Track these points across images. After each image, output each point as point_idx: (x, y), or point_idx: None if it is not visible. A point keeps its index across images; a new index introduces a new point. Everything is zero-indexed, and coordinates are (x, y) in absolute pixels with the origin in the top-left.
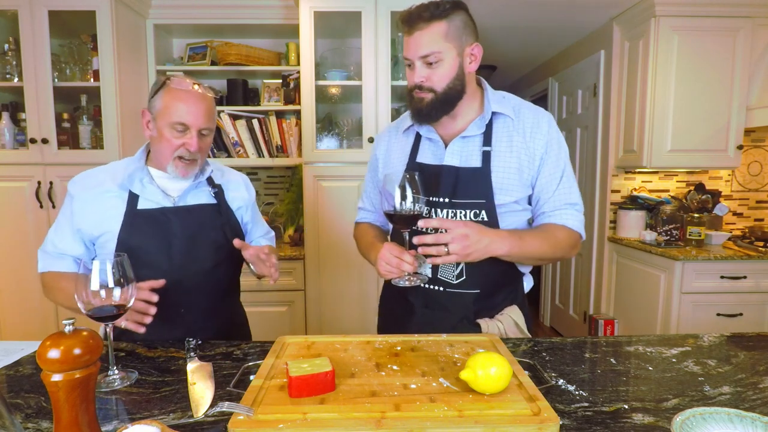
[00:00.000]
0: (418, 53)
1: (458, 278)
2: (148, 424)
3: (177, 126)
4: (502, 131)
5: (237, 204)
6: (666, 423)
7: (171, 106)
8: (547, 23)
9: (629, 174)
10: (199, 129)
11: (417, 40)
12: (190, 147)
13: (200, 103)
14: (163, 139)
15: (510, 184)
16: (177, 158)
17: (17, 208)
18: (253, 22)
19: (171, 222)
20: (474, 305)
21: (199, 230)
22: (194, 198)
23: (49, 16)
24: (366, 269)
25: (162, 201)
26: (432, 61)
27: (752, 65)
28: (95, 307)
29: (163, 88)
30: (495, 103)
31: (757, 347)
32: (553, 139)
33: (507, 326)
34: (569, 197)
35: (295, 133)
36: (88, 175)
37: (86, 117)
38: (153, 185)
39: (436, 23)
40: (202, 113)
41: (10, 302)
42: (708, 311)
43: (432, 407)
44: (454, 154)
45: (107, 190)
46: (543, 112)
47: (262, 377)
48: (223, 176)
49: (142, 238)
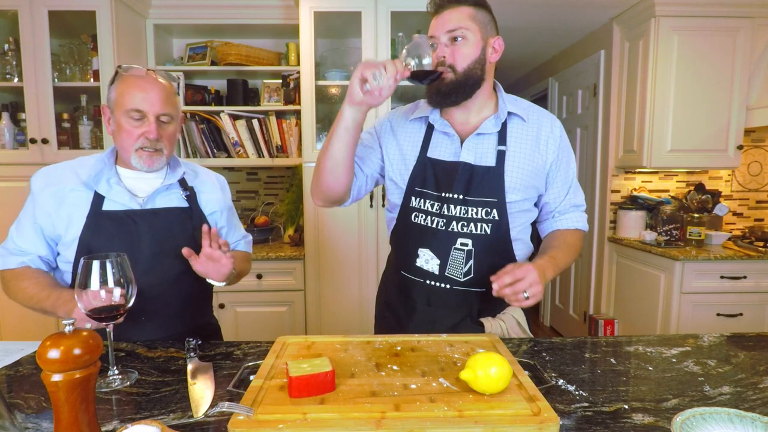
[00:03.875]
0: (445, 28)
1: (466, 276)
2: (148, 424)
3: (133, 114)
4: (516, 132)
5: (211, 208)
6: (666, 423)
7: (125, 94)
8: (547, 23)
9: (629, 174)
10: (157, 115)
11: (444, 17)
12: (149, 134)
13: (155, 88)
14: (122, 131)
15: (521, 185)
16: (139, 149)
17: (17, 208)
18: (253, 22)
19: (137, 225)
20: (478, 304)
21: (166, 235)
22: (164, 201)
23: (49, 16)
24: (366, 269)
25: (128, 203)
26: (457, 36)
27: (752, 65)
28: (95, 307)
29: (116, 78)
30: (510, 104)
31: (757, 347)
32: (564, 146)
33: (509, 325)
34: (576, 200)
35: (295, 133)
36: (51, 170)
37: (86, 117)
38: (120, 186)
39: (465, 6)
40: (159, 99)
41: (10, 302)
42: (708, 311)
43: (432, 407)
44: (470, 151)
45: (72, 188)
46: (554, 117)
47: (262, 377)
48: (197, 177)
49: (105, 241)
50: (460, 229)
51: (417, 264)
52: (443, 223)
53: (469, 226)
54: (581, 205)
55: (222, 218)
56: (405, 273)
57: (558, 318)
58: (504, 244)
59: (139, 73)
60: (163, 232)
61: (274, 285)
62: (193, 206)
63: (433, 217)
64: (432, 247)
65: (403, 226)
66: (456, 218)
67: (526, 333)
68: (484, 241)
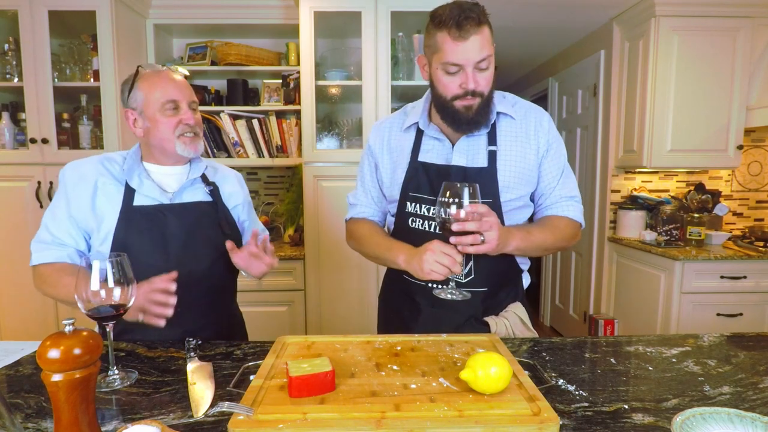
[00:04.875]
0: (475, 58)
1: (467, 277)
2: (148, 424)
3: (168, 105)
4: (506, 130)
5: (233, 202)
6: (666, 423)
7: (155, 90)
8: (547, 23)
9: (629, 174)
10: (188, 102)
11: (473, 45)
12: (188, 121)
13: (178, 79)
14: (160, 124)
15: (514, 183)
16: (180, 136)
17: (17, 208)
18: (253, 22)
19: (167, 219)
20: (481, 303)
21: (195, 228)
22: (190, 195)
23: (49, 16)
24: (366, 269)
25: (159, 197)
26: (484, 66)
27: (752, 65)
28: (95, 307)
29: (137, 80)
30: (498, 103)
31: (757, 347)
32: (554, 137)
33: (513, 324)
34: (569, 191)
35: (295, 133)
36: (81, 163)
37: (86, 117)
38: (150, 180)
39: (485, 27)
40: (185, 87)
41: (10, 302)
42: (708, 311)
43: (432, 407)
44: (462, 154)
45: (104, 181)
46: (542, 110)
47: (262, 377)
48: (217, 173)
49: (138, 235)
50: None
51: None
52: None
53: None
54: (575, 196)
55: (243, 212)
56: (407, 276)
57: (558, 318)
58: None
59: (158, 69)
60: (192, 225)
61: (274, 285)
62: (217, 200)
63: (430, 221)
64: None
65: (401, 231)
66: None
67: (530, 330)
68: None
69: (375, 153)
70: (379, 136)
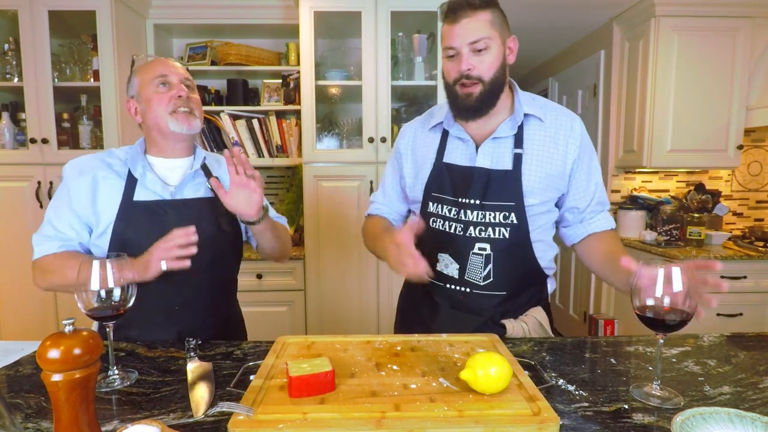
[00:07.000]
0: (467, 39)
1: (485, 280)
2: (148, 424)
3: (158, 81)
4: (533, 133)
5: None
6: (666, 423)
7: (147, 74)
8: (547, 23)
9: (629, 174)
10: (181, 79)
11: (465, 26)
12: (180, 93)
13: (171, 61)
14: (152, 102)
15: (540, 187)
16: (173, 112)
17: (17, 208)
18: (253, 22)
19: (168, 215)
20: (500, 307)
21: (196, 224)
22: (191, 191)
23: (49, 16)
24: (366, 269)
25: (161, 191)
26: (480, 47)
27: (752, 65)
28: (95, 307)
29: (133, 69)
30: (526, 105)
31: (757, 347)
32: (585, 143)
33: (531, 327)
34: (601, 197)
35: (295, 133)
36: (82, 160)
37: (86, 117)
38: (152, 173)
39: (483, 12)
40: (177, 66)
41: (10, 302)
42: (708, 311)
43: (432, 407)
44: (486, 156)
45: (104, 176)
46: (572, 114)
47: (262, 377)
48: (221, 166)
49: (137, 231)
50: (478, 234)
51: (437, 268)
52: (461, 228)
53: (487, 230)
54: (606, 203)
55: None
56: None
57: (558, 318)
58: (524, 248)
59: (152, 57)
60: (192, 222)
61: (274, 285)
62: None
63: (451, 222)
64: (450, 252)
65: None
66: (473, 223)
67: (547, 334)
68: (502, 246)
69: (401, 154)
70: (405, 137)
